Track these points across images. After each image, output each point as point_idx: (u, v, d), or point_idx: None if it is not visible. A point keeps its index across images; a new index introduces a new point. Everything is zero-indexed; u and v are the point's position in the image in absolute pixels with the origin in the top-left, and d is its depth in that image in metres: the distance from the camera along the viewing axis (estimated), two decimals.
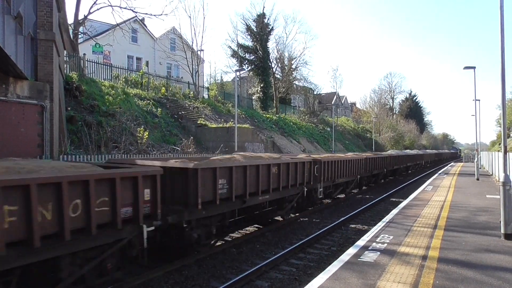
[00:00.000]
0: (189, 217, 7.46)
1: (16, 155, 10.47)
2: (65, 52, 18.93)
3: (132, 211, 6.21)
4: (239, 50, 43.13)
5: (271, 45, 45.24)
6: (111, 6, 22.81)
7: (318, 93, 55.51)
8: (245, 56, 43.62)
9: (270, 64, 44.57)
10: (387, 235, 8.14)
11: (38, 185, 4.81)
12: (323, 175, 13.97)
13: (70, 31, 21.52)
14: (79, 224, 5.40)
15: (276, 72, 46.56)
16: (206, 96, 34.34)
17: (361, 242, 7.62)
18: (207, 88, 37.45)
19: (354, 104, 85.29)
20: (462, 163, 54.02)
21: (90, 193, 5.43)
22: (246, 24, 43.64)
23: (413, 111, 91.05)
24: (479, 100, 25.62)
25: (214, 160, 8.70)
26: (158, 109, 22.83)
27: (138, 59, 38.30)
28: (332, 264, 6.31)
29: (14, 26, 9.35)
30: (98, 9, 23.24)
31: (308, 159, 13.32)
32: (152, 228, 6.52)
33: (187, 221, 7.45)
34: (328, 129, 45.92)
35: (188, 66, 32.20)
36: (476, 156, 26.98)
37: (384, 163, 24.72)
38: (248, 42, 43.95)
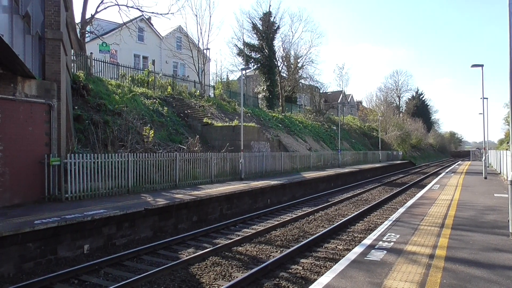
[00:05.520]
0: None
1: (24, 153, 10.60)
2: (72, 51, 19.06)
3: None
4: (245, 49, 43.10)
5: (277, 43, 45.24)
6: (118, 5, 22.91)
7: (324, 91, 55.32)
8: (251, 55, 43.58)
9: (276, 62, 44.49)
10: (393, 234, 8.11)
11: None
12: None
13: (78, 30, 21.64)
14: None
15: (282, 70, 46.48)
16: (212, 95, 34.34)
17: (367, 241, 7.60)
18: (213, 86, 37.48)
19: (360, 102, 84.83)
20: (469, 162, 53.60)
21: None
22: (252, 22, 43.65)
23: (419, 109, 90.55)
24: (487, 98, 25.39)
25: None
26: (164, 107, 22.89)
27: (145, 58, 38.44)
28: (339, 262, 6.31)
29: (22, 25, 9.45)
30: (105, 8, 23.35)
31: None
32: None
33: None
34: (334, 127, 45.73)
35: (194, 64, 32.25)
36: (484, 154, 26.76)
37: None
38: (254, 41, 43.95)
